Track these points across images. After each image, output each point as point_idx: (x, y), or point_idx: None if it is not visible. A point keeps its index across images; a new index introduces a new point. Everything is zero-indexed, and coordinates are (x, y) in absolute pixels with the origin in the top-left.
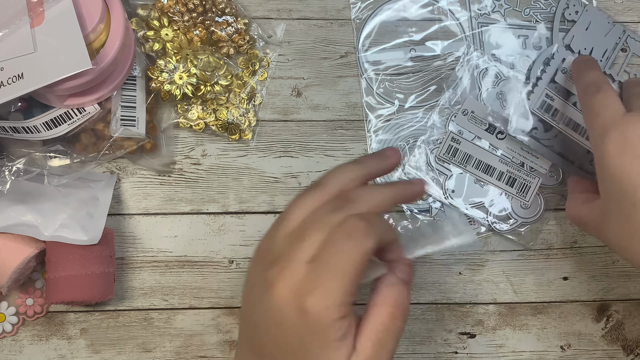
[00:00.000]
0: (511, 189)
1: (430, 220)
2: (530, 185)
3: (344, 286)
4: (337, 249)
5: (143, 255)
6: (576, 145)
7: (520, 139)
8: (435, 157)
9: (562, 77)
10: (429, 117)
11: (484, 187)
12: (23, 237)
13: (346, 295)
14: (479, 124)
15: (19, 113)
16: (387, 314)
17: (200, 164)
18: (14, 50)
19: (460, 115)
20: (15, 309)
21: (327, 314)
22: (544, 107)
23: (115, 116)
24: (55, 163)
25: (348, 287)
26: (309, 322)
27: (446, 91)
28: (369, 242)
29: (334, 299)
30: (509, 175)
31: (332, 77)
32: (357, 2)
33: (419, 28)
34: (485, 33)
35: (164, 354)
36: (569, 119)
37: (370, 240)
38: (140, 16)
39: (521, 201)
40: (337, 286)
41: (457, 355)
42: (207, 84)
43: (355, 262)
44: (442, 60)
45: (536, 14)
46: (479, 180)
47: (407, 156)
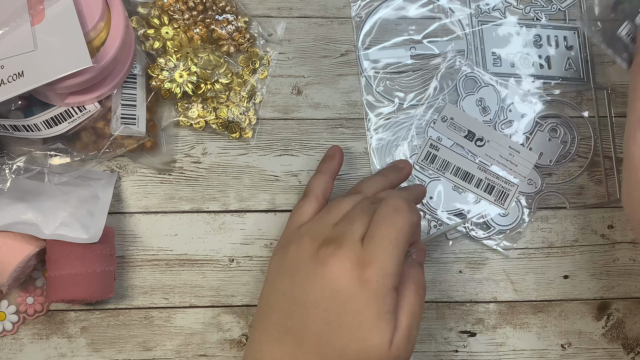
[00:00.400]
0: (489, 196)
1: None
2: (508, 192)
3: (398, 255)
4: (389, 222)
5: (143, 254)
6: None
7: (500, 146)
8: (414, 163)
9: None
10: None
11: (462, 194)
12: (23, 235)
13: (400, 264)
14: (458, 131)
15: (19, 111)
16: (413, 291)
17: (200, 162)
18: (14, 48)
19: (439, 121)
20: (16, 307)
21: (386, 281)
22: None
23: (116, 114)
24: (56, 161)
25: (401, 256)
26: (369, 292)
27: (424, 102)
28: (414, 215)
29: (392, 266)
30: (487, 183)
31: (333, 75)
32: (357, 0)
33: (419, 26)
34: (486, 31)
35: (165, 353)
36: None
37: (415, 214)
38: (140, 14)
39: (499, 208)
40: (393, 255)
41: (458, 354)
42: (207, 82)
43: (405, 232)
44: (442, 59)
45: (537, 11)
46: (457, 187)
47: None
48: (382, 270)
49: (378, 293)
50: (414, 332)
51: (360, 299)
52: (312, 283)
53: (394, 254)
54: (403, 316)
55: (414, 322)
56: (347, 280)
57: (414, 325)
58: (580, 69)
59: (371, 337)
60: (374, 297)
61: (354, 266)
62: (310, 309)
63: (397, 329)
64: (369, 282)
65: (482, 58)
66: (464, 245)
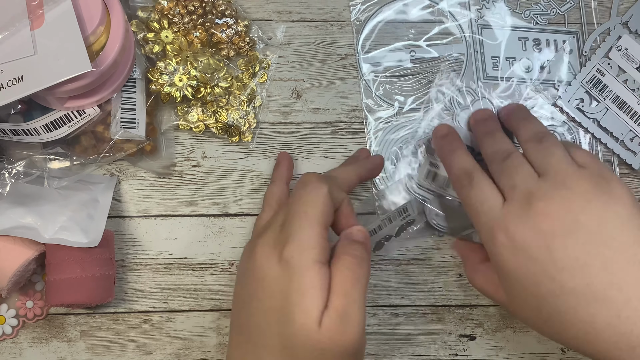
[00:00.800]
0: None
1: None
2: None
3: (313, 228)
4: (298, 199)
5: (143, 258)
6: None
7: None
8: (416, 184)
9: (616, 54)
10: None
11: None
12: (23, 239)
13: (319, 237)
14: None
15: (19, 115)
16: (347, 267)
17: (200, 166)
18: (13, 53)
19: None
20: (15, 311)
21: (306, 255)
22: (593, 81)
23: (115, 118)
24: (55, 165)
25: (318, 229)
26: (290, 269)
27: (422, 115)
28: (323, 186)
29: (308, 242)
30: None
31: (332, 79)
32: (356, 3)
33: (419, 30)
34: (485, 35)
35: (164, 357)
36: (616, 95)
37: (324, 185)
38: (140, 18)
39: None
40: (307, 229)
41: (458, 358)
42: (207, 86)
43: (316, 202)
44: (443, 62)
45: (536, 15)
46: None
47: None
48: (298, 247)
49: (298, 269)
50: (352, 313)
51: (284, 278)
52: (247, 277)
53: (309, 225)
54: (334, 295)
55: (348, 301)
56: (269, 264)
57: (351, 305)
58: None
59: (297, 317)
60: (295, 274)
61: (273, 249)
62: (249, 303)
63: (328, 308)
64: (289, 259)
65: (481, 62)
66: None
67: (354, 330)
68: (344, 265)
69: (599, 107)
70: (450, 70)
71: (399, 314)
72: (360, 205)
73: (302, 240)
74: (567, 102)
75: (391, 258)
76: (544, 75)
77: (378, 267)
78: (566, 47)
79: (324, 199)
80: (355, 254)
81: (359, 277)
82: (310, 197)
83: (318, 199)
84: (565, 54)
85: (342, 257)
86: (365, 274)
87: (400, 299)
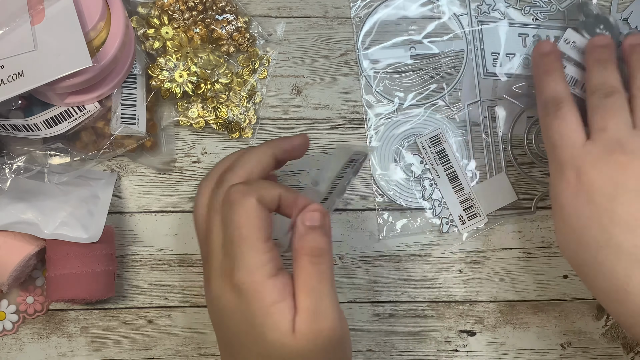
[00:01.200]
0: None
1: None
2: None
3: (254, 247)
4: (229, 221)
5: (143, 254)
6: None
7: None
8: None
9: (565, 47)
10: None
11: None
12: (23, 235)
13: (262, 254)
14: (580, 53)
15: (19, 111)
16: (308, 263)
17: (200, 162)
18: (14, 48)
19: (562, 43)
20: (16, 307)
21: (255, 279)
22: None
23: (116, 114)
24: (56, 161)
25: (259, 245)
26: (246, 296)
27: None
28: (249, 198)
29: (253, 264)
30: None
31: (333, 75)
32: (356, 0)
33: (419, 26)
34: (485, 31)
35: (165, 352)
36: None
37: (250, 197)
38: (140, 14)
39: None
40: (248, 251)
41: (458, 353)
42: (207, 82)
43: (248, 221)
44: (442, 58)
45: (536, 12)
46: None
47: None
48: (245, 270)
49: (253, 292)
50: (324, 308)
51: (243, 305)
52: (210, 307)
53: (249, 247)
54: (301, 295)
55: (316, 296)
56: (224, 294)
57: (320, 299)
58: None
59: (269, 335)
60: (252, 298)
61: (222, 278)
62: (220, 327)
63: (298, 311)
64: (240, 286)
65: (481, 58)
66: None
67: (330, 325)
68: (304, 261)
69: None
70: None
71: (399, 309)
72: (361, 202)
73: (246, 264)
74: None
75: (391, 254)
76: None
77: (378, 262)
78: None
79: (255, 213)
80: (313, 246)
81: (322, 270)
82: (239, 217)
83: (248, 216)
84: None
85: (300, 253)
86: (327, 262)
87: (400, 295)
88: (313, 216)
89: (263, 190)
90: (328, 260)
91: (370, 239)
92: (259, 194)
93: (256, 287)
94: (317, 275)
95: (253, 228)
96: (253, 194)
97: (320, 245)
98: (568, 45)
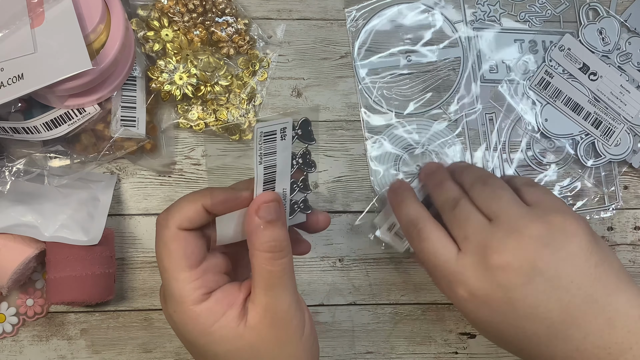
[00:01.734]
0: (596, 130)
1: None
2: (614, 130)
3: (177, 278)
4: (156, 253)
5: (143, 256)
6: None
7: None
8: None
9: (558, 54)
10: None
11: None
12: (23, 237)
13: (186, 283)
14: (573, 62)
15: (19, 113)
16: (268, 260)
17: (200, 164)
18: (14, 51)
19: (556, 50)
20: (16, 309)
21: (182, 308)
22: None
23: (116, 117)
24: (56, 163)
25: (181, 276)
26: (181, 324)
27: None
28: (166, 229)
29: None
30: (595, 117)
31: (332, 77)
32: (351, 10)
33: (414, 35)
34: (481, 38)
35: (164, 354)
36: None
37: (167, 227)
38: (140, 17)
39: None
40: (172, 282)
41: (458, 356)
42: (207, 84)
43: (167, 253)
44: (440, 66)
45: (531, 17)
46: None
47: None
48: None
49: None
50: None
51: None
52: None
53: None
54: (259, 293)
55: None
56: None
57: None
58: None
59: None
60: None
61: (164, 302)
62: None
63: (253, 307)
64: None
65: (477, 65)
66: None
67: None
68: (263, 258)
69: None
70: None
71: (399, 312)
72: (360, 204)
73: (172, 295)
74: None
75: (391, 256)
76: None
77: (378, 265)
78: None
79: (174, 243)
80: (272, 243)
81: (283, 264)
82: (159, 250)
83: (166, 248)
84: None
85: (259, 250)
86: (288, 255)
87: (400, 297)
88: (268, 208)
89: (181, 212)
90: (288, 252)
91: (370, 241)
92: (177, 219)
93: (188, 315)
94: (279, 271)
95: (173, 259)
96: (170, 221)
97: (280, 239)
98: (562, 53)
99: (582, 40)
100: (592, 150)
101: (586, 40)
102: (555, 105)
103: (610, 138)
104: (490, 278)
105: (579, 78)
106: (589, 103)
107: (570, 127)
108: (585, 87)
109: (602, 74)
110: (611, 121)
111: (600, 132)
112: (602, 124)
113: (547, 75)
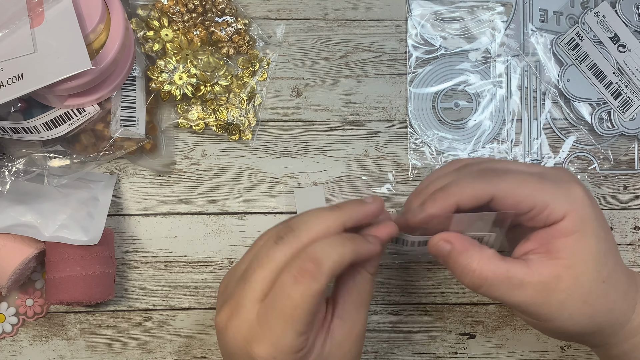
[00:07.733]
0: (614, 101)
1: None
2: (632, 104)
3: (294, 330)
4: (285, 295)
5: (143, 256)
6: None
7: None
8: (555, 43)
9: (592, 20)
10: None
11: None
12: (23, 237)
13: (297, 337)
14: (605, 30)
15: (19, 113)
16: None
17: (200, 164)
18: (13, 51)
19: (591, 15)
20: (15, 309)
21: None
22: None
23: (115, 117)
24: (55, 163)
25: (299, 328)
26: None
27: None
28: (318, 284)
29: (282, 345)
30: (616, 88)
31: (332, 77)
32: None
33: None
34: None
35: (164, 355)
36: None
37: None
38: (140, 16)
39: (619, 115)
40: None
41: (457, 356)
42: (207, 84)
43: (304, 306)
44: (489, 8)
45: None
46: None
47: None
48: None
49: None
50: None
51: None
52: (222, 349)
53: (289, 330)
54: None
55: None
56: (240, 354)
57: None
58: None
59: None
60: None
61: (244, 340)
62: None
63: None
64: (256, 357)
65: (529, 13)
66: None
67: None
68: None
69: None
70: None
71: (398, 312)
72: None
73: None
74: None
75: (391, 257)
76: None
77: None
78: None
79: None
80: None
81: (373, 290)
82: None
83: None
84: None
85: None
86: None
87: (400, 297)
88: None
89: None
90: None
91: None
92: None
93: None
94: (372, 291)
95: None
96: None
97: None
98: (596, 19)
99: (619, 12)
100: (607, 120)
101: (622, 12)
102: (580, 67)
103: (627, 111)
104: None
105: (608, 47)
106: (613, 73)
107: (590, 92)
108: (612, 57)
109: (631, 47)
110: (631, 95)
111: (618, 103)
112: (621, 96)
113: (578, 37)
